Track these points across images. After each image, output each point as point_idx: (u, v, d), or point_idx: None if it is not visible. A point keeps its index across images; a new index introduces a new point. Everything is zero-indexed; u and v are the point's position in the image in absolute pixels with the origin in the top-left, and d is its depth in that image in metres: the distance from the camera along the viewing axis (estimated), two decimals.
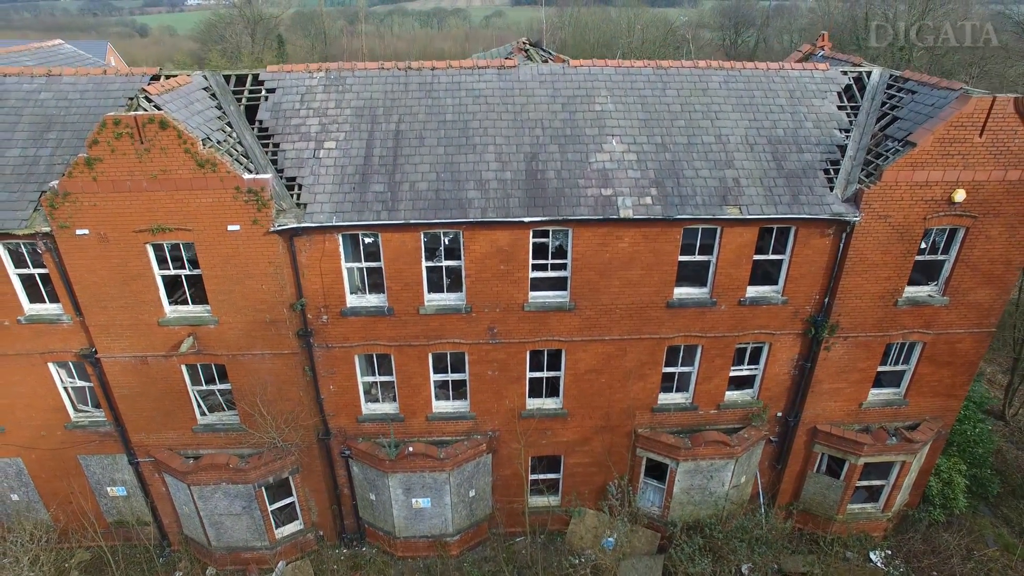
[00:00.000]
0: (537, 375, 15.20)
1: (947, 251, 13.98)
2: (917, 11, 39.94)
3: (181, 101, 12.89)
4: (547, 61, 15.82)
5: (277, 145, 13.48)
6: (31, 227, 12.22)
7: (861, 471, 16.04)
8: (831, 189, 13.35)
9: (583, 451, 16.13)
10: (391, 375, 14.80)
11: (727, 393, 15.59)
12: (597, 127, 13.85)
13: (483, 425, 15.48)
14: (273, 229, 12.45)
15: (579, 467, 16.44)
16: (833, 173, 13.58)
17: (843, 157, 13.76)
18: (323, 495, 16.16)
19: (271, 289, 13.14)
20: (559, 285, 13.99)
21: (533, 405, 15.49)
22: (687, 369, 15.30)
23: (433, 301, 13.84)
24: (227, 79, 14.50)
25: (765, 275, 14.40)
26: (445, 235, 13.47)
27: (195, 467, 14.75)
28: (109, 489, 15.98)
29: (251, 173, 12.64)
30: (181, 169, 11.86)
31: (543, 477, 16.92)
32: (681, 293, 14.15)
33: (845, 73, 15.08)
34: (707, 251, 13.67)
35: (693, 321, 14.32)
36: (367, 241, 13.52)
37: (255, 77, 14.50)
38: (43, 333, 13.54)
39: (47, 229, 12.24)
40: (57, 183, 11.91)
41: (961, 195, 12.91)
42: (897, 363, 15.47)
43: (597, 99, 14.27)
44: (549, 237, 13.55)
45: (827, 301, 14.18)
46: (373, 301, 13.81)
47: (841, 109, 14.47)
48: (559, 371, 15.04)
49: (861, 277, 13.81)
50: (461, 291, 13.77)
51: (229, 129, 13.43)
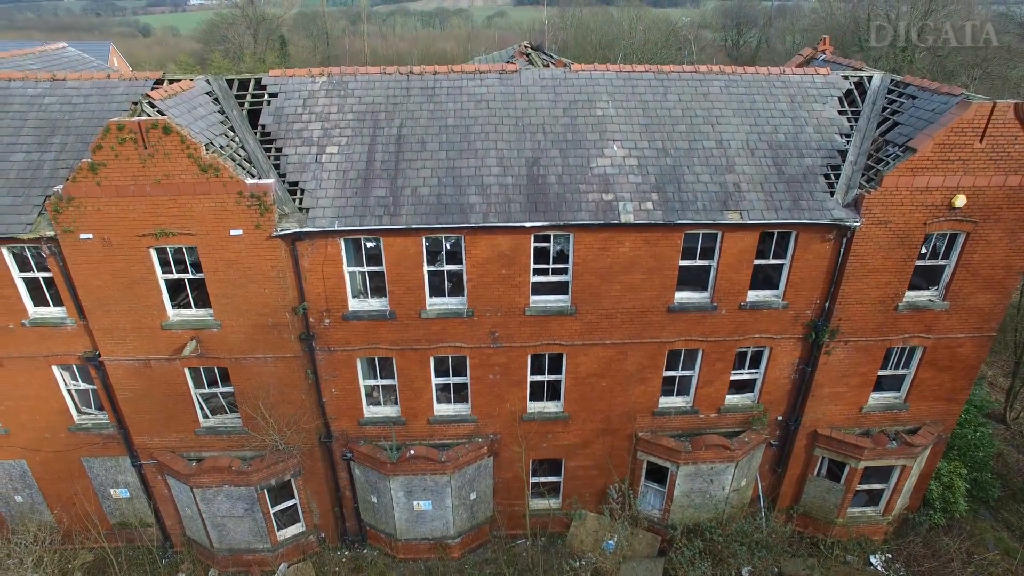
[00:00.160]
0: (538, 379, 15.24)
1: (947, 256, 14.00)
2: (919, 12, 39.89)
3: (184, 106, 12.96)
4: (549, 65, 15.85)
5: (280, 149, 13.54)
6: (35, 231, 12.30)
7: (861, 475, 16.06)
8: (832, 194, 13.37)
9: (584, 454, 16.18)
10: (393, 378, 14.88)
11: (728, 397, 15.63)
12: (598, 132, 13.89)
13: (484, 428, 15.54)
14: (276, 234, 12.51)
15: (580, 470, 16.49)
16: (834, 178, 13.60)
17: (844, 162, 13.78)
18: (325, 497, 16.23)
19: (273, 293, 13.21)
20: (560, 289, 14.03)
21: (534, 408, 15.54)
22: (688, 373, 15.34)
23: (435, 305, 13.89)
24: (230, 83, 14.54)
25: (766, 279, 14.44)
26: (447, 239, 13.52)
27: (198, 469, 14.82)
28: (112, 491, 16.08)
29: (254, 178, 12.71)
30: (184, 174, 11.93)
31: (544, 480, 16.98)
32: (682, 297, 14.18)
33: (846, 78, 15.10)
34: (708, 256, 13.70)
35: (694, 325, 14.35)
36: (369, 245, 13.58)
37: (258, 81, 14.55)
38: (47, 336, 13.64)
39: (51, 233, 12.32)
40: (61, 188, 11.99)
41: (961, 200, 12.93)
42: (898, 367, 15.49)
43: (598, 104, 14.30)
44: (550, 242, 13.58)
45: (828, 306, 14.21)
46: (375, 305, 13.87)
47: (842, 114, 14.49)
48: (560, 375, 15.08)
49: (862, 282, 13.84)
50: (463, 295, 13.82)
51: (232, 134, 13.49)
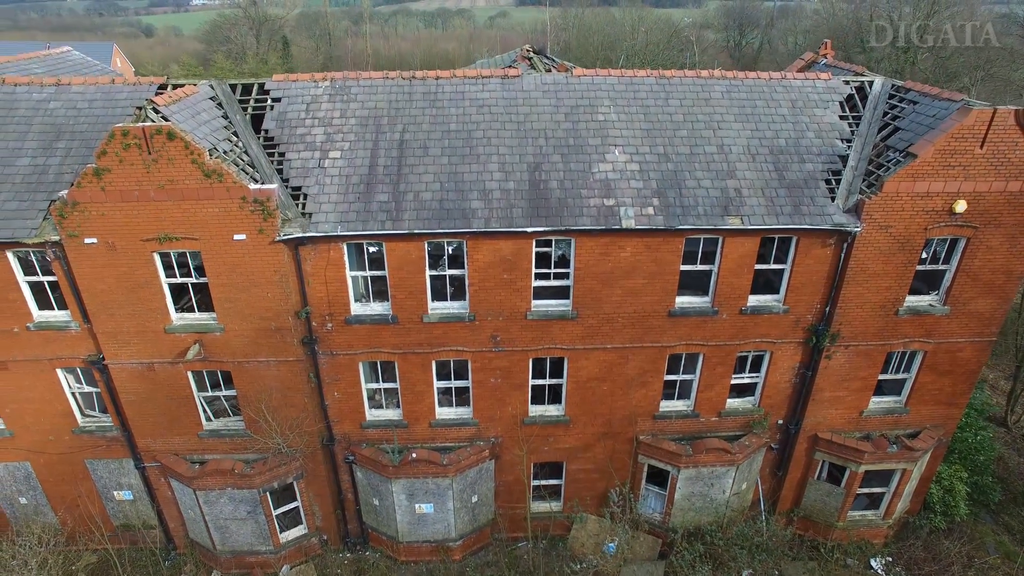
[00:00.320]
0: (539, 382, 15.30)
1: (948, 261, 14.04)
2: (922, 13, 39.87)
3: (188, 111, 13.03)
4: (551, 70, 15.90)
5: (283, 154, 13.61)
6: (41, 236, 12.38)
7: (862, 478, 16.10)
8: (832, 199, 13.41)
9: (585, 457, 16.23)
10: (395, 382, 14.95)
11: (728, 401, 15.68)
12: (600, 137, 13.94)
13: (486, 431, 15.60)
14: (279, 238, 12.58)
15: (581, 473, 16.55)
16: (835, 183, 13.64)
17: (844, 167, 13.82)
18: (327, 500, 16.32)
19: (276, 297, 13.28)
20: (562, 294, 14.09)
21: (535, 412, 15.60)
22: (689, 377, 15.39)
23: (437, 309, 13.96)
24: (233, 88, 14.61)
25: (766, 284, 14.48)
26: (449, 244, 13.59)
27: (201, 472, 14.91)
28: (116, 493, 16.17)
29: (257, 183, 12.79)
30: (188, 179, 12.00)
31: (545, 483, 17.03)
32: (683, 302, 14.23)
33: (847, 83, 15.13)
34: (709, 260, 13.75)
35: (695, 330, 14.40)
36: (371, 250, 13.66)
37: (261, 86, 14.62)
38: (52, 340, 13.72)
39: (56, 238, 12.41)
40: (66, 193, 12.06)
41: (962, 206, 12.96)
42: (898, 371, 15.52)
43: (600, 109, 14.36)
44: (552, 246, 13.65)
45: (828, 310, 14.25)
46: (377, 309, 13.94)
47: (843, 119, 14.53)
48: (561, 379, 15.14)
49: (862, 287, 13.88)
50: (464, 299, 13.88)
51: (235, 139, 13.56)
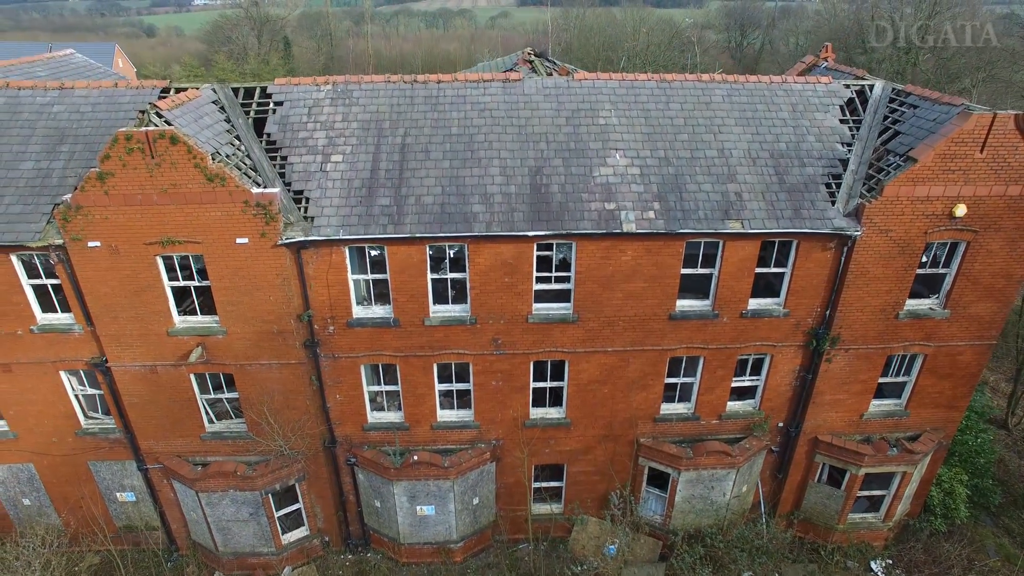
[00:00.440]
0: (541, 385, 15.36)
1: (948, 265, 14.06)
2: (923, 14, 39.85)
3: (191, 116, 13.09)
4: (552, 73, 15.95)
5: (285, 158, 13.66)
6: (44, 239, 12.45)
7: (862, 481, 16.14)
8: (833, 203, 13.44)
9: (586, 460, 16.28)
10: (396, 385, 15.01)
11: (729, 403, 15.72)
12: (601, 141, 13.98)
13: (487, 434, 15.65)
14: (281, 242, 12.64)
15: (582, 475, 16.60)
16: (835, 187, 13.67)
17: (845, 171, 13.85)
18: (329, 502, 16.38)
19: (278, 300, 13.34)
20: (563, 297, 14.13)
21: (537, 415, 15.65)
22: (689, 380, 15.43)
23: (438, 312, 14.01)
24: (235, 92, 14.68)
25: (767, 287, 14.51)
26: (450, 248, 13.63)
27: (203, 474, 14.98)
28: (118, 494, 16.24)
29: (259, 187, 12.85)
30: (191, 183, 12.07)
31: (546, 485, 17.08)
32: (683, 305, 14.27)
33: (848, 86, 15.16)
34: (709, 264, 13.79)
35: (695, 333, 14.44)
36: (373, 253, 13.70)
37: (263, 90, 14.68)
38: (55, 342, 13.80)
39: (60, 241, 12.47)
40: (70, 197, 12.14)
41: (962, 210, 13.00)
42: (898, 375, 15.55)
43: (601, 113, 14.40)
44: (553, 250, 13.69)
45: (828, 314, 14.28)
46: (379, 312, 13.99)
47: (843, 123, 14.56)
48: (562, 381, 15.19)
49: (862, 290, 13.91)
50: (466, 303, 13.93)
51: (238, 142, 13.62)
